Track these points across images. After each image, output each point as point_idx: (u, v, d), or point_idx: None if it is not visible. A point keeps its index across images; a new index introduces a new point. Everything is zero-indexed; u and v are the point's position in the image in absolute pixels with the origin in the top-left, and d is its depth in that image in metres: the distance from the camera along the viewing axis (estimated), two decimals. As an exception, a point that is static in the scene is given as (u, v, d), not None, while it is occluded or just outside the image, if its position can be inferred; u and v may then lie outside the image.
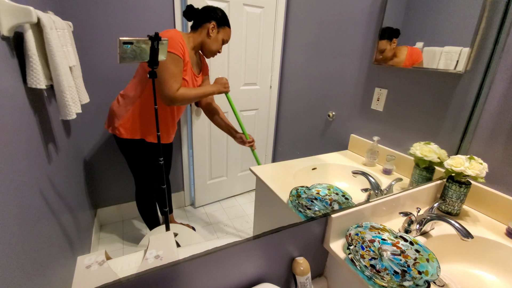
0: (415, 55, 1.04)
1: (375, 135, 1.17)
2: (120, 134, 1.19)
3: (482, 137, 0.99)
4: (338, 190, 0.94)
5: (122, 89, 1.20)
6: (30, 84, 0.64)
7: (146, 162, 1.30)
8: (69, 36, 0.87)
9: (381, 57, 1.14)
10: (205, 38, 1.19)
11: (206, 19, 1.17)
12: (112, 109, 1.20)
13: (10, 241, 0.53)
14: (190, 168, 1.74)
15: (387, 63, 1.12)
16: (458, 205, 0.95)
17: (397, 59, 1.08)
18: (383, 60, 1.13)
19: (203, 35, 1.19)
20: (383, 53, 1.13)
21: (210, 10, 1.18)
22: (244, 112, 1.85)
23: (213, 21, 1.18)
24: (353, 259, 0.70)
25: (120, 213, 1.57)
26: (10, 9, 0.56)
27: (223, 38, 1.23)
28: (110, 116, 1.22)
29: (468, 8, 0.93)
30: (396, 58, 1.08)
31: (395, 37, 1.09)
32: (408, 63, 1.06)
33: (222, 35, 1.22)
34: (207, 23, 1.17)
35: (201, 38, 1.19)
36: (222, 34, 1.22)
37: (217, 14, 1.18)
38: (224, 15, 1.21)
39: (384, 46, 1.13)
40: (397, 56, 1.08)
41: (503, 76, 0.91)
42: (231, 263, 0.67)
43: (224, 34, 1.23)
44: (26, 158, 0.65)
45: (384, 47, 1.12)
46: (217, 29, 1.19)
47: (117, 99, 1.20)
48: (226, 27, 1.22)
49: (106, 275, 0.52)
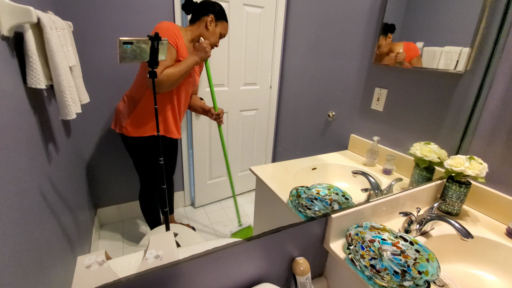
0: (412, 50, 1.04)
1: (375, 135, 1.17)
2: (127, 132, 1.22)
3: (482, 137, 0.99)
4: (338, 190, 0.94)
5: (123, 89, 1.20)
6: (30, 84, 0.64)
7: (152, 160, 1.31)
8: (69, 36, 0.87)
9: (377, 53, 1.14)
10: (203, 30, 1.21)
11: (204, 12, 1.19)
12: (119, 109, 1.23)
13: (10, 241, 0.53)
14: (190, 168, 1.74)
15: (383, 59, 1.12)
16: (458, 205, 0.95)
17: (393, 55, 1.09)
18: (379, 56, 1.14)
19: (201, 28, 1.21)
20: (379, 48, 1.13)
21: (209, 4, 1.20)
22: (244, 112, 1.85)
23: (211, 14, 1.20)
24: (353, 259, 0.70)
25: (120, 213, 1.57)
26: (10, 9, 0.56)
27: (221, 31, 1.25)
28: (116, 116, 1.24)
29: (468, 8, 0.93)
30: (392, 53, 1.09)
31: (390, 32, 1.10)
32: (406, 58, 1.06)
33: (220, 29, 1.24)
34: (205, 16, 1.19)
35: (199, 31, 1.21)
36: (220, 28, 1.24)
37: (215, 8, 1.20)
38: (222, 9, 1.23)
39: (380, 41, 1.13)
40: (393, 52, 1.09)
41: (503, 76, 0.91)
42: (231, 263, 0.67)
43: (222, 28, 1.24)
44: (26, 158, 0.65)
45: (380, 43, 1.13)
46: (215, 22, 1.21)
47: (123, 99, 1.23)
48: (223, 21, 1.24)
49: (106, 275, 0.52)
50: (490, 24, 0.91)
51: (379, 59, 1.14)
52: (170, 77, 1.14)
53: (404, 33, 1.07)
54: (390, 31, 1.10)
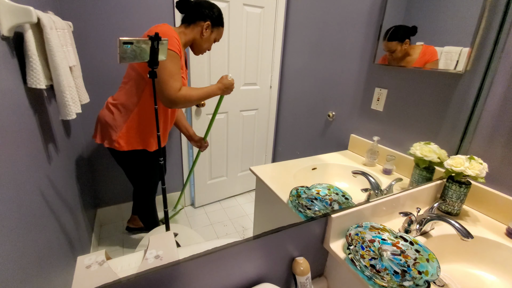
0: (428, 54, 1.00)
1: (375, 135, 1.17)
2: (120, 147, 1.11)
3: (482, 137, 0.99)
4: (338, 190, 0.94)
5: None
6: (30, 84, 0.64)
7: (147, 171, 1.26)
8: (69, 36, 0.87)
9: (390, 58, 1.09)
10: (197, 36, 1.12)
11: (201, 16, 1.11)
12: (105, 121, 1.10)
13: (10, 241, 0.53)
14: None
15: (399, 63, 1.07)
16: (458, 205, 0.95)
17: (410, 58, 1.04)
18: (393, 60, 1.08)
19: (195, 33, 1.12)
20: (393, 53, 1.08)
21: (206, 7, 1.11)
22: (244, 112, 1.85)
23: (209, 20, 1.11)
24: (353, 259, 0.70)
25: (120, 213, 1.57)
26: (10, 9, 0.56)
27: (216, 37, 1.18)
28: (103, 128, 1.12)
29: (468, 8, 0.93)
30: (409, 57, 1.04)
31: (408, 38, 1.04)
32: (419, 63, 1.02)
33: (215, 35, 1.17)
34: (201, 21, 1.11)
35: (193, 35, 1.12)
36: (215, 34, 1.16)
37: (213, 13, 1.12)
38: (220, 15, 1.15)
39: (395, 47, 1.08)
40: (410, 55, 1.04)
41: (503, 76, 0.91)
42: (231, 263, 0.67)
43: (217, 34, 1.17)
44: (26, 158, 0.65)
45: (395, 48, 1.08)
46: (211, 29, 1.14)
47: (109, 109, 1.10)
48: (220, 27, 1.17)
49: (106, 275, 0.52)
50: (490, 24, 0.91)
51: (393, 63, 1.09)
52: (188, 99, 1.07)
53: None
54: (407, 36, 1.04)
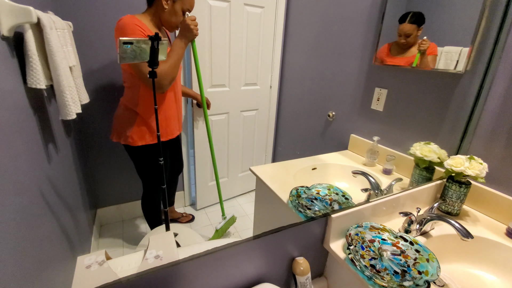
0: (430, 47, 1.00)
1: (375, 135, 1.17)
2: (133, 142, 1.17)
3: (482, 137, 0.99)
4: (338, 190, 0.94)
5: (123, 89, 1.18)
6: (30, 84, 0.64)
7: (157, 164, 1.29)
8: (69, 36, 0.87)
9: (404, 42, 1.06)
10: (161, 12, 1.10)
11: None
12: (120, 119, 1.18)
13: (10, 241, 0.53)
14: (190, 168, 1.74)
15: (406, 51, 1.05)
16: (458, 205, 0.95)
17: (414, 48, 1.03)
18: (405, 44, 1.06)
19: (159, 10, 1.10)
20: (408, 38, 1.05)
21: None
22: (244, 112, 1.85)
23: None
24: (353, 259, 0.70)
25: (120, 213, 1.57)
26: (10, 9, 0.56)
27: (182, 7, 1.13)
28: (118, 127, 1.19)
29: (468, 8, 0.93)
30: (414, 47, 1.03)
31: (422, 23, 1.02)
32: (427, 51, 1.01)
33: (181, 5, 1.12)
34: None
35: (158, 13, 1.10)
36: (180, 4, 1.11)
37: None
38: None
39: (412, 31, 1.04)
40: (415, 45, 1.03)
41: (503, 76, 0.91)
42: (231, 263, 0.67)
43: (182, 3, 1.12)
44: (26, 158, 0.65)
45: (411, 32, 1.04)
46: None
47: (120, 108, 1.18)
48: None
49: (106, 275, 0.52)
50: (490, 24, 0.91)
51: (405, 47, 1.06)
52: (166, 71, 1.06)
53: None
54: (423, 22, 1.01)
